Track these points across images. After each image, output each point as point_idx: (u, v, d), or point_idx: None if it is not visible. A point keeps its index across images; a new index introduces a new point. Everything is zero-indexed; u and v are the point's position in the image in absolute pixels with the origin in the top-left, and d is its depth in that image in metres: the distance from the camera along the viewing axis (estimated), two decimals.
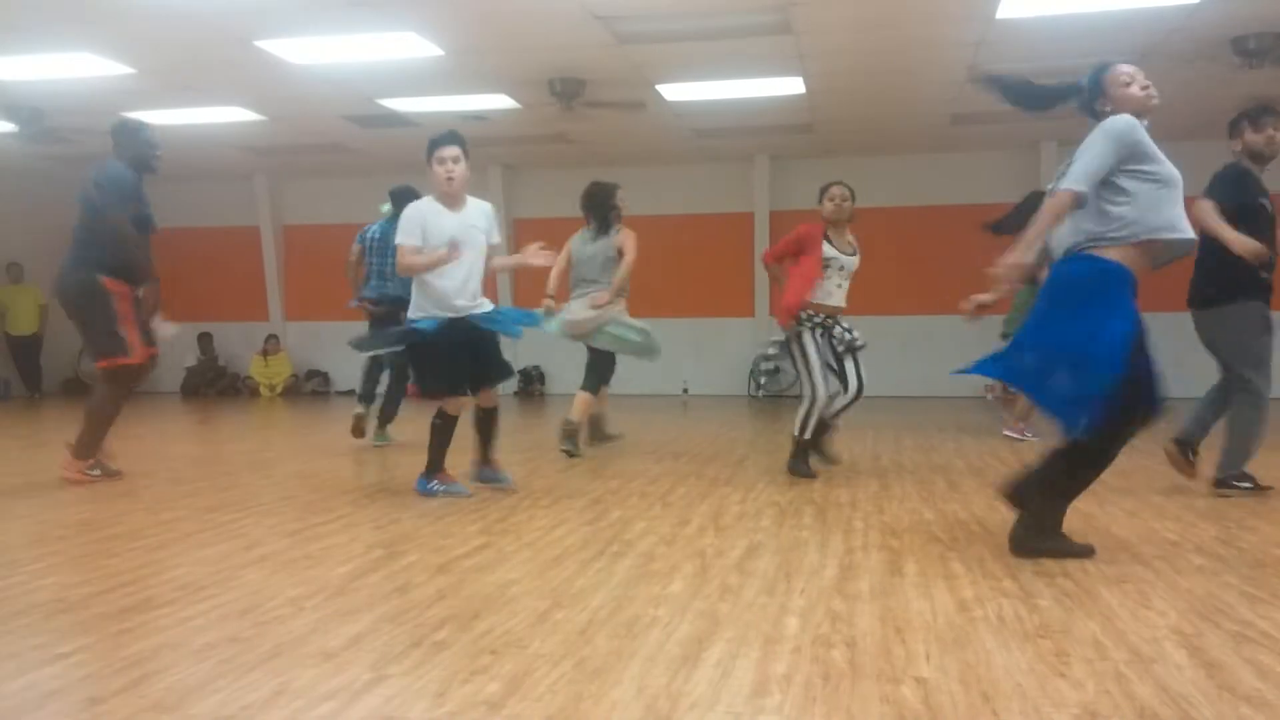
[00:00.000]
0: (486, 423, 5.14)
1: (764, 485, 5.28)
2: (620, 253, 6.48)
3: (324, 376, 13.74)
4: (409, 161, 11.93)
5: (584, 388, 6.64)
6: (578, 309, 6.50)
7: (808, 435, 5.53)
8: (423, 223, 4.78)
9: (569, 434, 6.43)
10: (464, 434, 5.08)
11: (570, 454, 6.38)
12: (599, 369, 6.73)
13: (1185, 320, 4.89)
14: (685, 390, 12.41)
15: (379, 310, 6.96)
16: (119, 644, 2.62)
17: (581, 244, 6.62)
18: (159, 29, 7.22)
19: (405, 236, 4.78)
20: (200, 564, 3.54)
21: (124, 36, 7.45)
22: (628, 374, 7.09)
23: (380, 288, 7.02)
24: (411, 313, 4.92)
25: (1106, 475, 5.55)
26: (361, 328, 6.87)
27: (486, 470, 5.19)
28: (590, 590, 3.14)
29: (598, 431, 7.14)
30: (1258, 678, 2.32)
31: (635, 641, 2.61)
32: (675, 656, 2.49)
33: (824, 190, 5.65)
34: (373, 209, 7.18)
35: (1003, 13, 6.99)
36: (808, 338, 5.47)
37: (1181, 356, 5.23)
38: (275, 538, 4.00)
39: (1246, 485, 4.79)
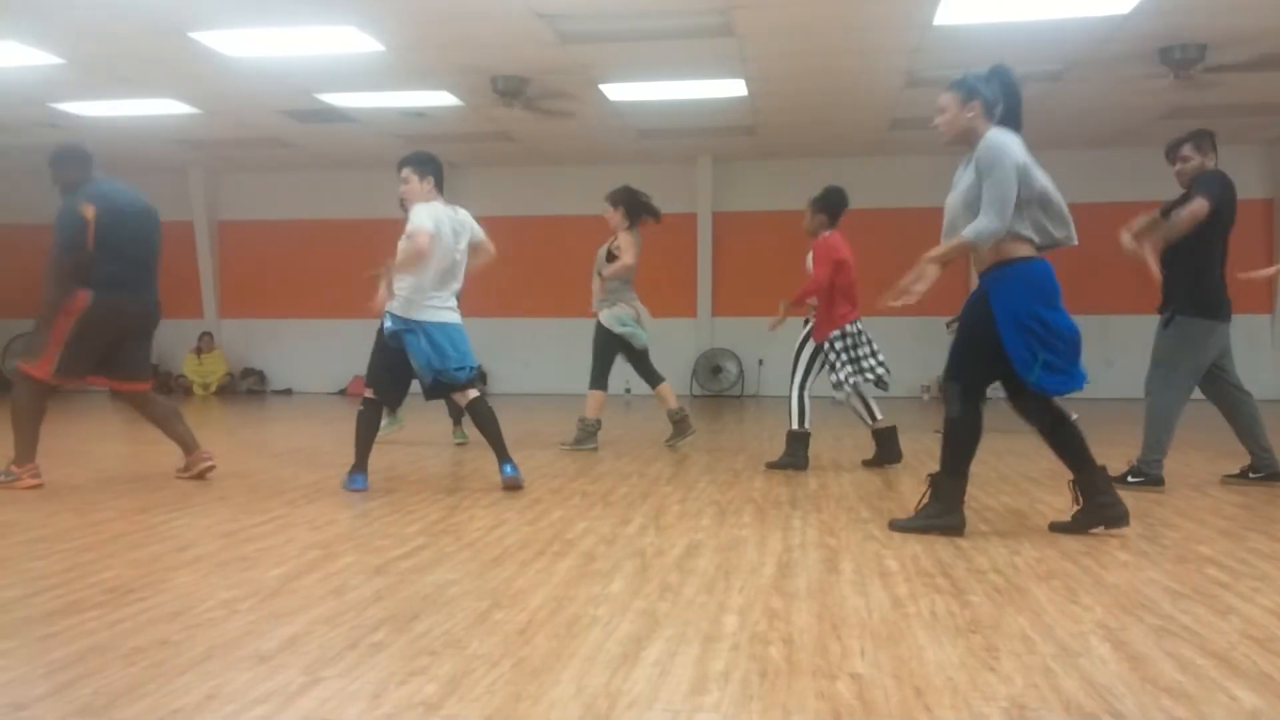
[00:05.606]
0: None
1: (705, 484, 5.32)
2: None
3: (260, 375, 13.48)
4: (349, 157, 11.82)
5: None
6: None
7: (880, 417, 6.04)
8: None
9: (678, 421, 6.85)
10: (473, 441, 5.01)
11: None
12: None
13: None
14: (628, 390, 12.41)
15: None
16: (44, 648, 2.55)
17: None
18: (89, 18, 7.03)
19: None
20: (130, 566, 3.46)
21: (52, 25, 7.23)
22: (571, 373, 7.05)
23: None
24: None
25: (1035, 473, 5.68)
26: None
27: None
28: (530, 590, 3.13)
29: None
30: (1178, 670, 2.41)
31: (575, 641, 2.62)
32: (615, 655, 2.50)
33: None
34: (311, 204, 6.99)
35: (940, 19, 7.12)
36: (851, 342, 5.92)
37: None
38: (208, 539, 3.92)
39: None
